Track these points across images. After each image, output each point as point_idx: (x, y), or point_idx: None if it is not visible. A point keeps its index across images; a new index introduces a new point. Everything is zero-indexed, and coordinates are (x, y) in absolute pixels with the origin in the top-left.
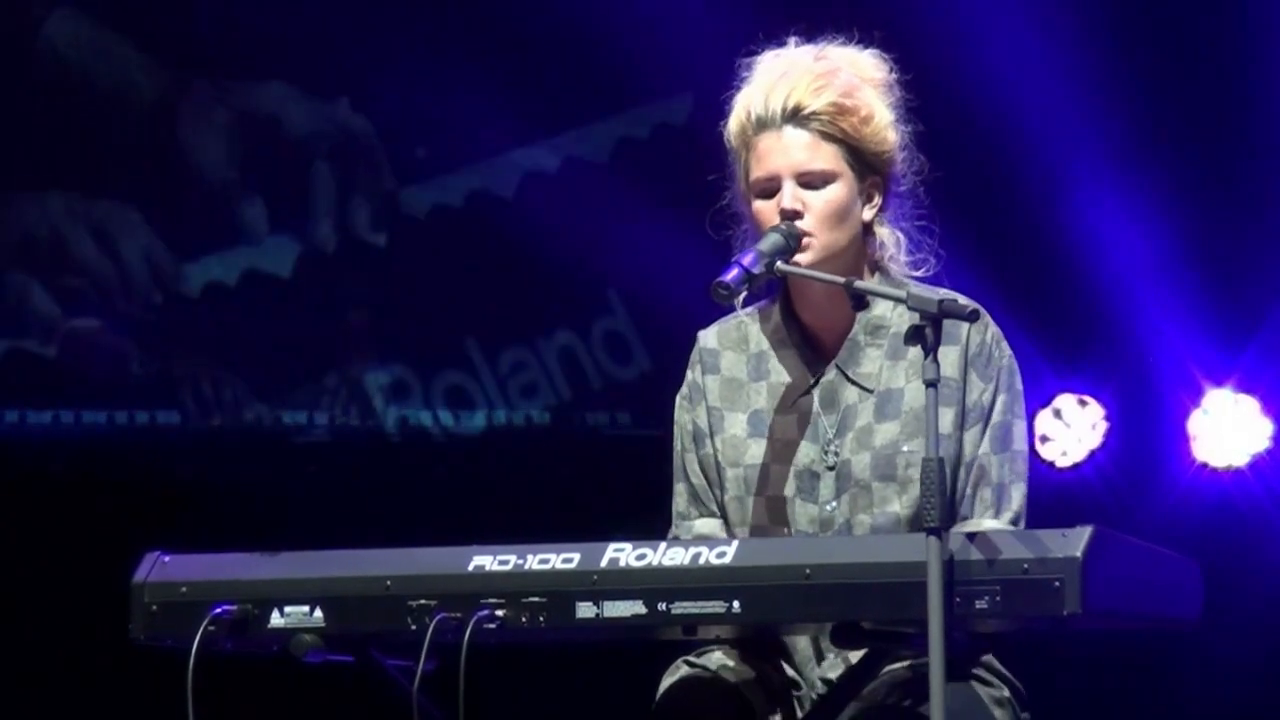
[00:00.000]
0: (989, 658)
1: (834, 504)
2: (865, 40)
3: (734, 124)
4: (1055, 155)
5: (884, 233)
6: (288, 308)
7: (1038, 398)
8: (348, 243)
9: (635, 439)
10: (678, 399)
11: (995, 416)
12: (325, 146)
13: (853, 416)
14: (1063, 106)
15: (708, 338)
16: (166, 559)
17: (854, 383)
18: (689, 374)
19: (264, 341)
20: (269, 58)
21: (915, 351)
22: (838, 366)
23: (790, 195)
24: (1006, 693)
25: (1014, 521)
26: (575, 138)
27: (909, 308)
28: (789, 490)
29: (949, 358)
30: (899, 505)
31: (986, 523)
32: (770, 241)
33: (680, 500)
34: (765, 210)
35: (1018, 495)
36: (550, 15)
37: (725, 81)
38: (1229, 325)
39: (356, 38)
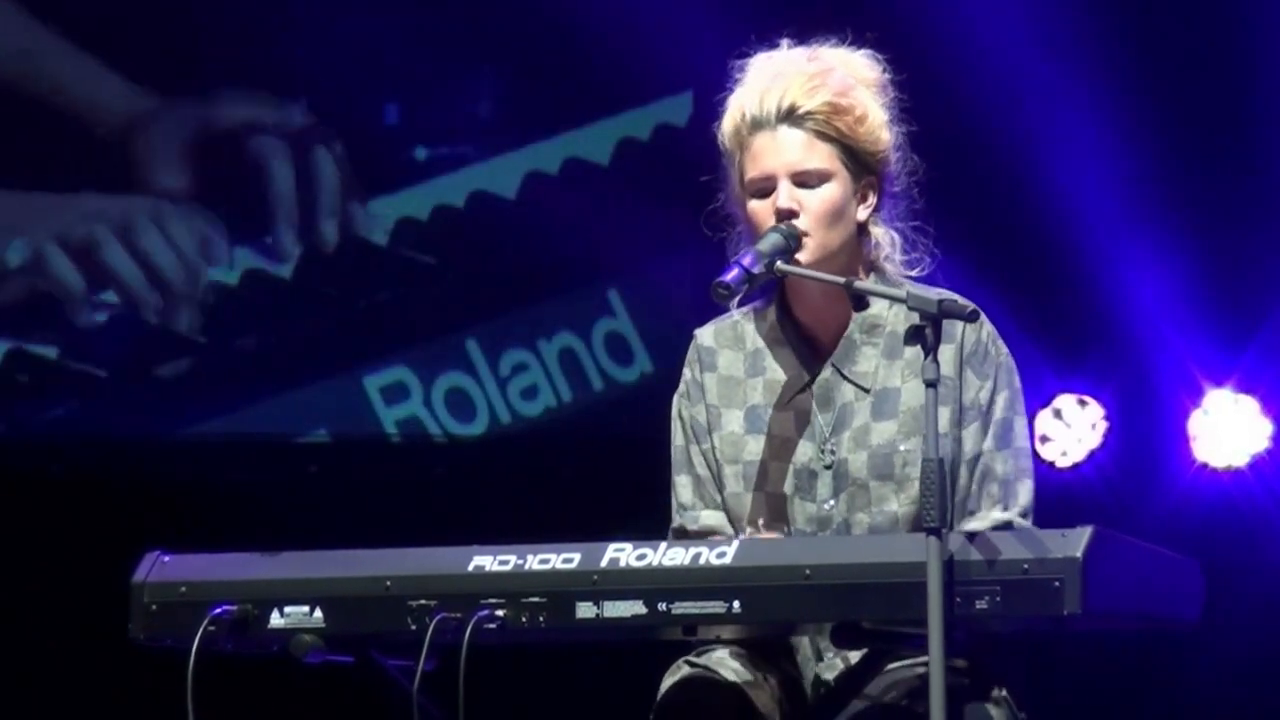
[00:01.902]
0: (986, 656)
1: (832, 503)
2: (859, 41)
3: (728, 125)
4: (1055, 155)
5: (879, 232)
6: (288, 308)
7: (1038, 398)
8: (348, 243)
9: (636, 440)
10: (675, 397)
11: (997, 413)
12: (325, 147)
13: (849, 415)
14: (1062, 106)
15: (705, 336)
16: (166, 559)
17: (850, 381)
18: (686, 372)
19: (264, 342)
20: (269, 61)
21: (912, 351)
22: (834, 365)
23: (786, 194)
24: (1004, 692)
25: (1023, 515)
26: (576, 138)
27: (909, 308)
28: (787, 488)
29: (944, 356)
30: (897, 504)
31: (996, 514)
32: (770, 241)
33: (684, 492)
34: (761, 210)
35: (1024, 490)
36: (550, 15)
37: (726, 82)
38: (1229, 325)
39: (356, 39)
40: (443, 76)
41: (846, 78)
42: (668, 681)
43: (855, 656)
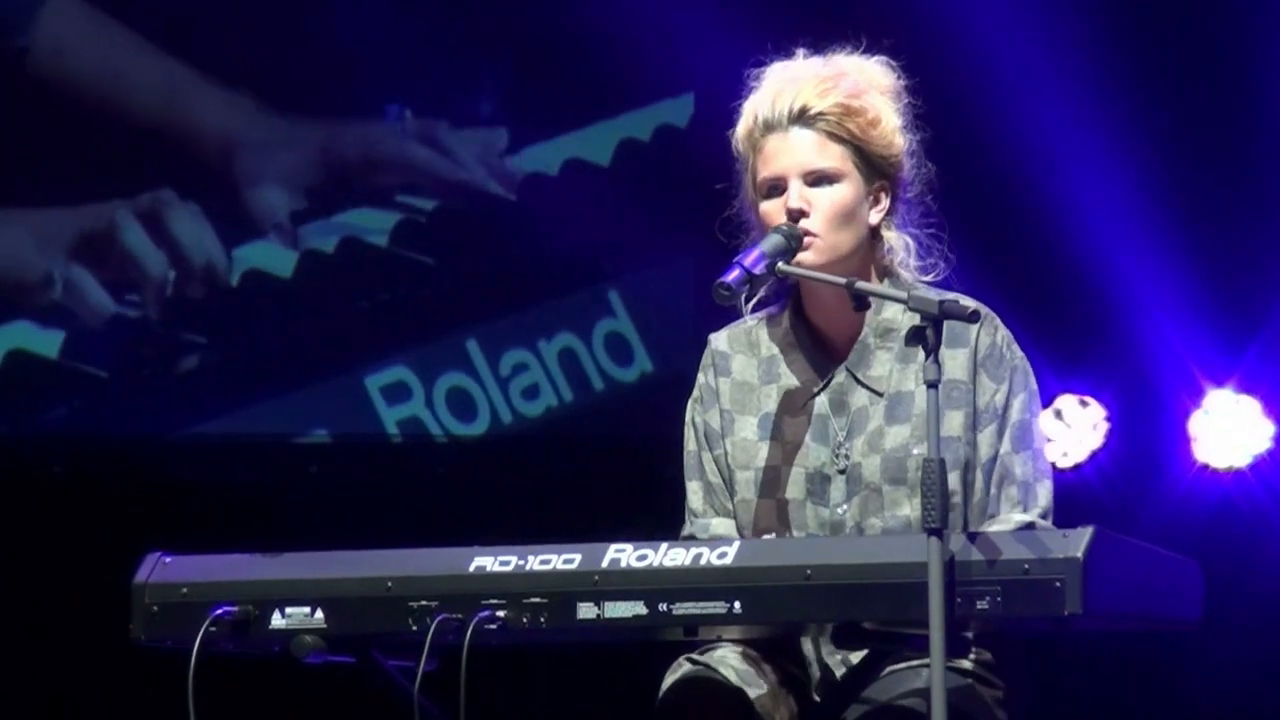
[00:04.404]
0: (988, 657)
1: (845, 507)
2: (873, 47)
3: (741, 129)
4: (1057, 157)
5: (892, 237)
6: (288, 308)
7: (1039, 398)
8: (348, 243)
9: (636, 440)
10: (689, 402)
11: (1014, 415)
12: (324, 148)
13: (863, 419)
14: (1064, 108)
15: (719, 340)
16: (167, 560)
17: (864, 385)
18: (700, 376)
19: (265, 342)
20: (269, 63)
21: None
22: (848, 369)
23: (797, 194)
24: (1005, 693)
25: (1043, 516)
26: (576, 139)
27: (909, 309)
28: (798, 493)
29: (958, 360)
30: (910, 508)
31: (1017, 516)
32: (771, 242)
33: (695, 498)
34: (772, 210)
35: (1044, 492)
36: (551, 16)
37: (727, 83)
38: (1230, 326)
39: (356, 39)
40: (443, 76)
41: (860, 82)
42: (669, 680)
43: (857, 657)
